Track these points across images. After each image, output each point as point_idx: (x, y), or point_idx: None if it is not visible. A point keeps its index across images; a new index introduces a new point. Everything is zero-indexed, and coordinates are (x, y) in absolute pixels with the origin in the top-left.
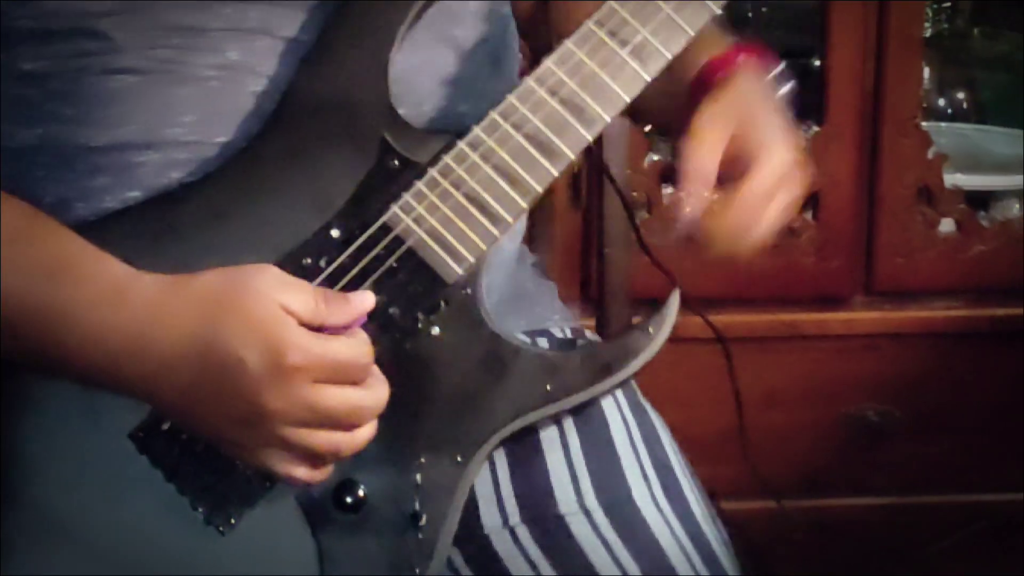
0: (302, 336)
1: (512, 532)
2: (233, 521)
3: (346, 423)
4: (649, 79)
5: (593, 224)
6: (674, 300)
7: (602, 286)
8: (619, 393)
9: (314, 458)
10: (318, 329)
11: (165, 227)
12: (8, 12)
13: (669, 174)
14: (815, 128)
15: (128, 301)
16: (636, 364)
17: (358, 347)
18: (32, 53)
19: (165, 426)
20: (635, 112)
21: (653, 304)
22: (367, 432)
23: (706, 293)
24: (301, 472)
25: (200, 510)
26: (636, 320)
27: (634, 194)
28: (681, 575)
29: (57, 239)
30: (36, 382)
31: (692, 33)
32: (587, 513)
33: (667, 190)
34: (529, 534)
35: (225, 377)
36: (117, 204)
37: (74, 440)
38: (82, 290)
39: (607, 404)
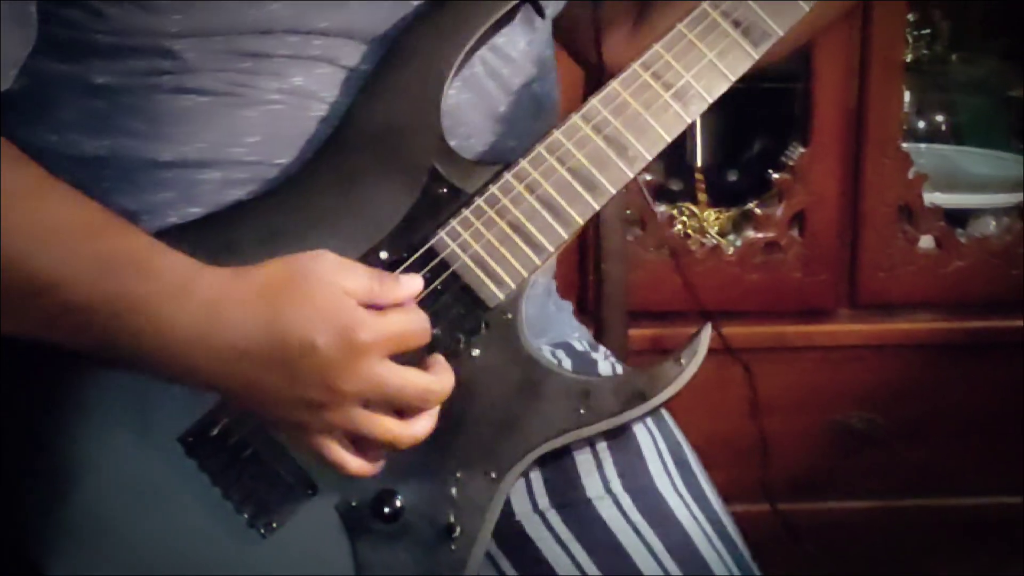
0: (367, 314)
1: (543, 516)
2: (275, 525)
3: (415, 404)
4: (689, 121)
5: (590, 241)
6: (705, 334)
7: (599, 299)
8: None
9: (370, 449)
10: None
11: (223, 244)
12: (85, 25)
13: (661, 193)
14: (801, 149)
15: (195, 292)
16: (668, 393)
17: (418, 319)
18: (106, 67)
19: (214, 431)
20: None
21: (648, 317)
22: (425, 425)
23: (696, 306)
24: (354, 463)
25: (244, 514)
26: (631, 331)
27: (627, 212)
28: (705, 557)
29: (126, 234)
30: (88, 386)
31: (732, 79)
32: (614, 497)
33: (659, 208)
34: (560, 518)
35: (299, 362)
36: (178, 219)
37: (124, 442)
38: (151, 282)
39: None
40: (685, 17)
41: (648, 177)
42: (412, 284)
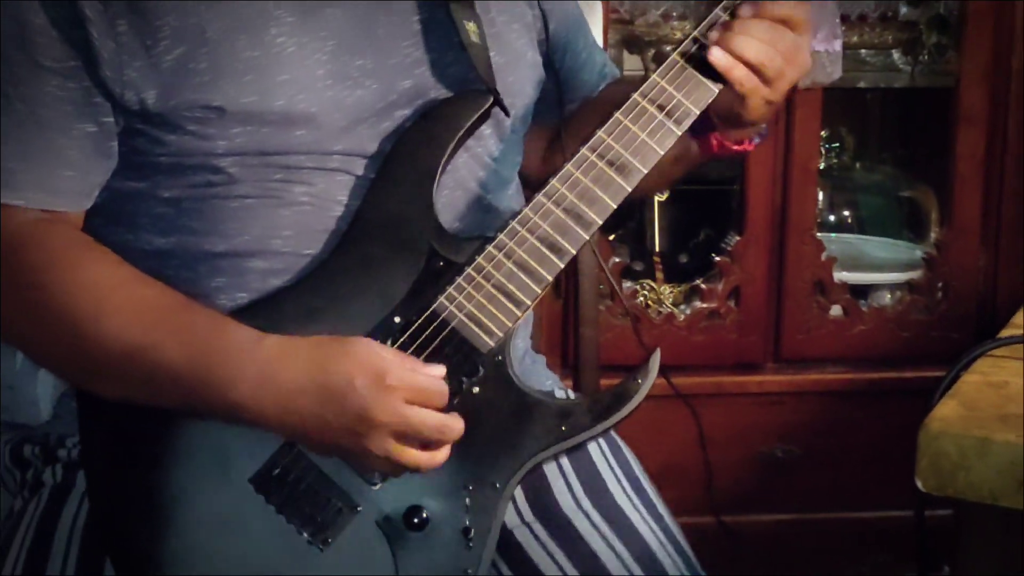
0: (395, 364)
1: (529, 527)
2: (329, 540)
3: (432, 439)
4: (629, 190)
5: (570, 310)
6: (656, 358)
7: (578, 356)
8: None
9: (401, 470)
10: None
11: (269, 325)
12: (149, 151)
13: (627, 272)
14: (737, 237)
15: (258, 351)
16: (631, 405)
17: (438, 380)
18: (168, 182)
19: (275, 472)
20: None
21: (616, 369)
22: (443, 455)
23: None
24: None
25: (303, 534)
26: (602, 381)
27: (600, 287)
28: (660, 559)
29: (201, 309)
30: (179, 440)
31: (661, 152)
32: (585, 513)
33: (625, 284)
34: (543, 529)
35: (341, 399)
36: (229, 303)
37: (208, 484)
38: (224, 343)
39: None
40: (601, 125)
41: (616, 260)
42: (436, 368)
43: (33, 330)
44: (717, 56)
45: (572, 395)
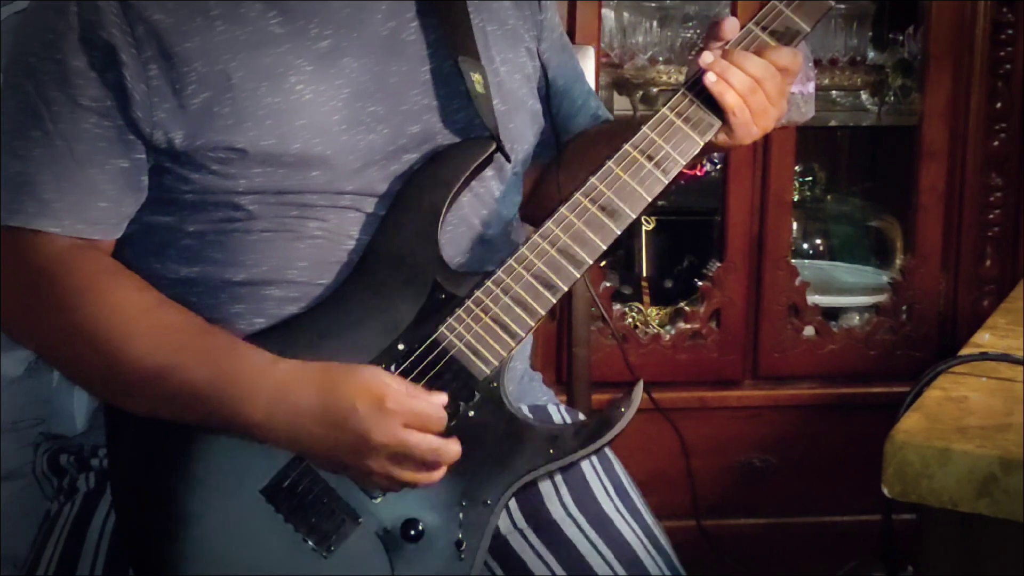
0: (396, 391)
1: (521, 533)
2: (333, 548)
3: (428, 461)
4: (619, 233)
5: (564, 331)
6: (638, 389)
7: (571, 373)
8: None
9: (400, 487)
10: None
11: (285, 348)
12: (176, 187)
13: (616, 296)
14: (718, 264)
15: (273, 374)
16: (613, 433)
17: (435, 406)
18: (193, 217)
19: (285, 484)
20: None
21: (606, 385)
22: (439, 474)
23: (641, 377)
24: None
25: (309, 542)
26: (597, 398)
27: (592, 310)
28: (644, 562)
29: (222, 333)
30: (197, 453)
31: (649, 199)
32: (573, 519)
33: (615, 307)
34: (534, 534)
35: (344, 421)
36: (247, 328)
37: (223, 494)
38: (242, 364)
39: None
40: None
41: (607, 284)
42: (437, 396)
43: (67, 349)
44: (711, 80)
45: (565, 412)
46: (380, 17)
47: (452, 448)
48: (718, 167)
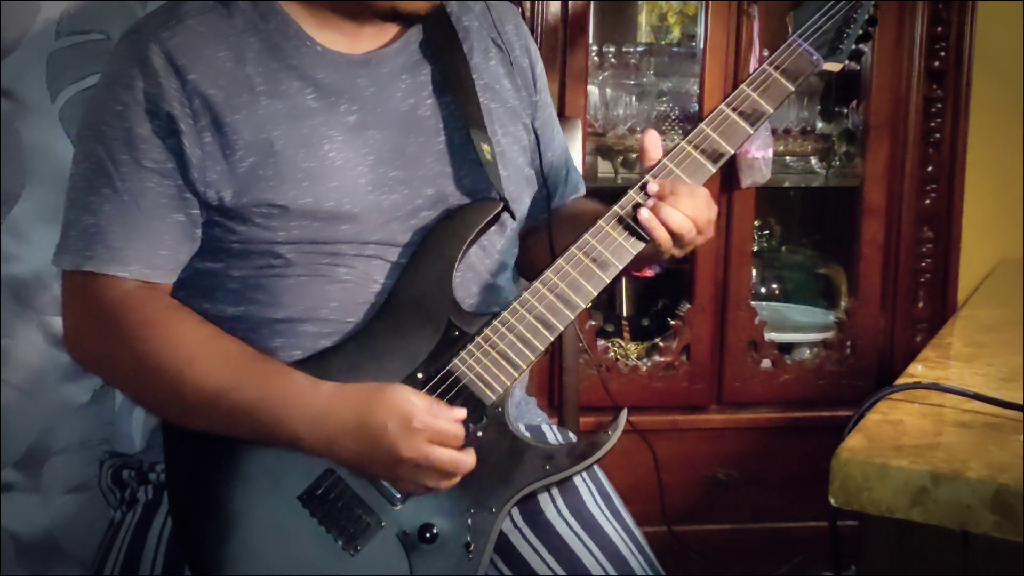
0: (422, 412)
1: (521, 532)
2: (359, 548)
3: (449, 469)
4: (608, 281)
5: (556, 362)
6: (623, 415)
7: (562, 399)
8: None
9: (423, 491)
10: None
11: (319, 376)
12: (224, 238)
13: (600, 332)
14: (688, 305)
15: (316, 395)
16: (600, 453)
17: (455, 424)
18: (238, 264)
19: (319, 492)
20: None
21: (591, 409)
22: (456, 481)
23: (621, 403)
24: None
25: (339, 542)
26: (584, 420)
27: (580, 344)
28: (627, 559)
29: (271, 359)
30: (243, 463)
31: (634, 253)
32: (565, 521)
33: (599, 343)
34: (532, 533)
35: (377, 437)
36: (286, 359)
37: (265, 499)
38: (289, 387)
39: None
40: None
41: (592, 322)
42: (457, 412)
43: (135, 376)
44: (644, 217)
45: (557, 432)
46: (400, 95)
47: (468, 460)
48: None
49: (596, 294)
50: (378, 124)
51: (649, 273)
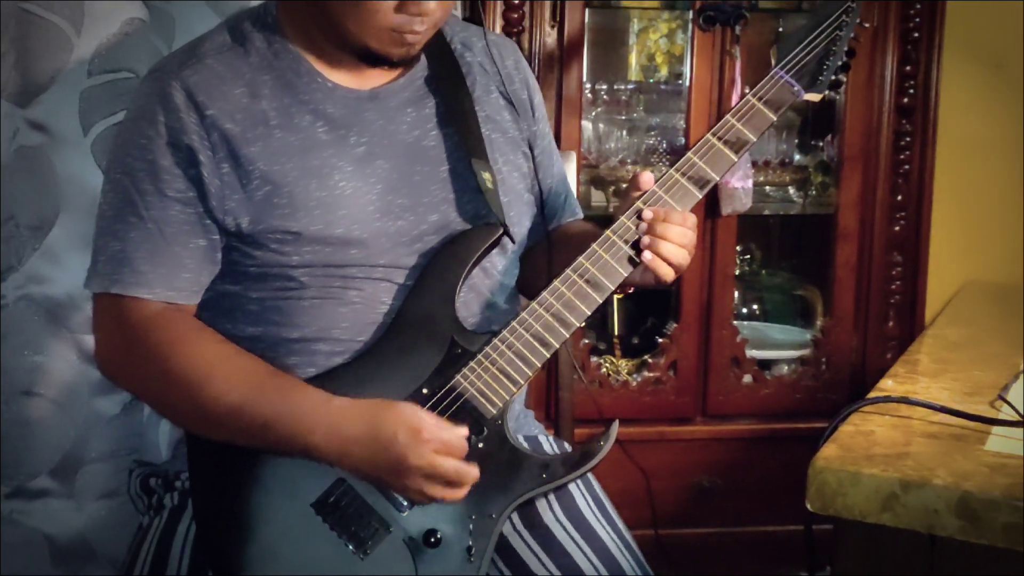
0: (429, 424)
1: (519, 534)
2: (368, 552)
3: (454, 479)
4: (600, 301)
5: (552, 378)
6: (614, 427)
7: (557, 411)
8: None
9: (430, 500)
10: None
11: (332, 391)
12: (242, 263)
13: (594, 350)
14: (675, 325)
15: (328, 411)
16: (594, 462)
17: (460, 437)
18: (256, 286)
19: (331, 499)
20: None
21: (584, 421)
22: (462, 492)
23: (613, 415)
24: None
25: (349, 546)
26: (578, 431)
27: (575, 362)
28: (619, 560)
29: (286, 375)
30: (261, 471)
31: (625, 275)
32: (561, 524)
33: (593, 359)
34: (530, 536)
35: (387, 448)
36: (301, 376)
37: (282, 505)
38: (305, 401)
39: None
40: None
41: (586, 341)
42: (462, 429)
43: (160, 390)
44: (648, 259)
45: (553, 442)
46: (406, 127)
47: (472, 471)
48: None
49: (589, 314)
50: (385, 155)
51: (630, 290)
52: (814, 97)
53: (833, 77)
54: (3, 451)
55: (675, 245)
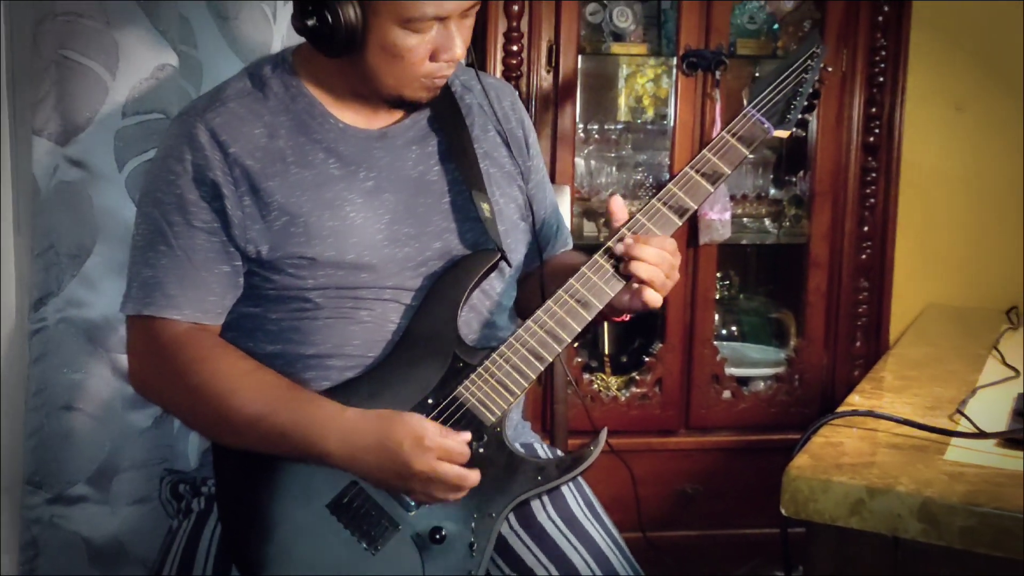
0: (433, 432)
1: (517, 534)
2: (378, 548)
3: (455, 483)
4: (590, 319)
5: (548, 392)
6: (603, 434)
7: (552, 423)
8: None
9: (434, 502)
10: None
11: (345, 403)
12: (262, 286)
13: (586, 368)
14: (660, 344)
15: (341, 421)
16: (585, 465)
17: (461, 444)
18: (274, 307)
19: (344, 500)
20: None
21: (578, 432)
22: (462, 494)
23: (603, 427)
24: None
25: (361, 543)
26: (571, 442)
27: (568, 378)
28: (610, 559)
29: (301, 388)
30: (280, 475)
31: (612, 295)
32: (555, 524)
33: (585, 375)
34: (526, 534)
35: (394, 454)
36: (316, 389)
37: (299, 506)
38: (319, 412)
39: None
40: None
41: (578, 359)
42: (463, 436)
43: (187, 404)
44: (635, 268)
45: (548, 450)
46: (411, 163)
47: (472, 475)
48: None
49: (580, 330)
50: (392, 188)
51: (625, 318)
52: (783, 133)
53: (800, 116)
54: (45, 461)
55: (649, 264)
